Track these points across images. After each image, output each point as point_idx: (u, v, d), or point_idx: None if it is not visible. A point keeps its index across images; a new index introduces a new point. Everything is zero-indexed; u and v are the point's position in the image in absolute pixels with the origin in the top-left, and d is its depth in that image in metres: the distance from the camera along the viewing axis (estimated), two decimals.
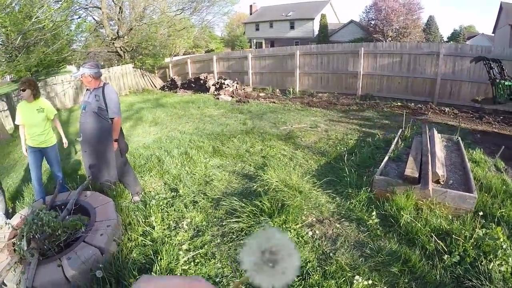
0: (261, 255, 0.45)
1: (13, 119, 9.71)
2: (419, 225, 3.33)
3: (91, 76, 3.98)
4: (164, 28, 18.93)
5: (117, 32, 18.07)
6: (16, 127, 8.90)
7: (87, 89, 4.18)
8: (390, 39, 31.61)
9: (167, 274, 2.85)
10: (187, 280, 0.39)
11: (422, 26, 35.71)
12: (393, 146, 5.30)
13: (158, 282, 0.38)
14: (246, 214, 3.68)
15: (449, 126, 7.53)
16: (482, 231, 3.02)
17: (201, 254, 3.23)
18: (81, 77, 3.99)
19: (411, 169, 4.06)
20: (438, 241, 3.02)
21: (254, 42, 42.77)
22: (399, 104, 10.02)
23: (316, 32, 37.43)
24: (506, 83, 7.35)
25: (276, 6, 43.96)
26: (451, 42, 31.33)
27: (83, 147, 4.24)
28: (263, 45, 40.92)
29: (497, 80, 7.50)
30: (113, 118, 4.11)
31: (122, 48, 17.83)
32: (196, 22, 25.18)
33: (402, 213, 3.53)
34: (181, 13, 21.28)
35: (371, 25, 34.13)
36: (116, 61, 18.89)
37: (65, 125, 10.52)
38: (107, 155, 4.21)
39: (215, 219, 3.89)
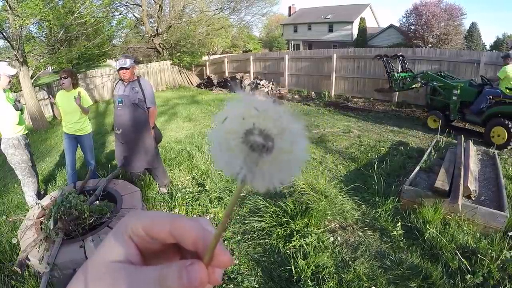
0: (245, 140, 0.30)
1: (53, 107, 10.21)
2: (444, 240, 3.24)
3: (134, 67, 4.17)
4: (203, 27, 19.23)
5: (157, 29, 18.54)
6: (54, 114, 9.36)
7: (119, 83, 4.31)
8: (431, 45, 30.53)
9: None
10: (176, 216, 0.35)
11: (464, 33, 34.29)
12: (425, 156, 5.16)
13: (145, 216, 0.35)
14: (269, 214, 3.70)
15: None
16: (510, 252, 2.90)
17: None
18: (126, 69, 4.06)
19: (441, 181, 3.94)
20: (463, 259, 2.92)
21: (292, 44, 42.64)
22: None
23: (355, 36, 36.84)
24: (401, 74, 9.14)
25: (315, 8, 43.58)
26: (494, 50, 29.96)
27: (121, 138, 4.35)
28: (301, 47, 40.72)
29: (391, 73, 9.17)
30: (149, 108, 4.30)
31: (161, 45, 18.27)
32: (235, 22, 25.52)
33: (428, 226, 3.45)
34: (219, 13, 21.60)
35: (411, 30, 33.05)
36: (154, 57, 19.40)
37: (102, 116, 10.98)
38: (147, 143, 4.39)
39: (238, 217, 3.95)
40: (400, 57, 9.45)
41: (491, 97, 6.99)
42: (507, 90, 6.76)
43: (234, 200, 0.34)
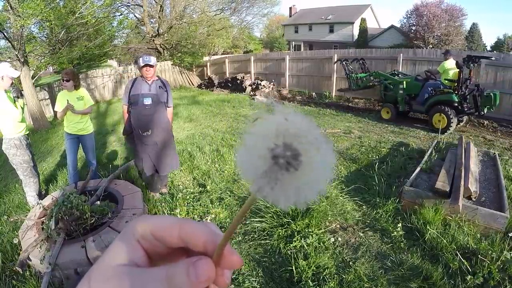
0: (271, 152, 0.29)
1: (54, 107, 10.25)
2: (445, 241, 3.24)
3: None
4: (204, 28, 19.22)
5: (157, 30, 18.54)
6: (55, 115, 9.36)
7: (138, 81, 4.10)
8: (431, 46, 30.51)
9: None
10: (185, 220, 0.35)
11: (465, 34, 34.27)
12: (426, 157, 5.16)
13: (153, 220, 0.35)
14: (270, 215, 3.70)
15: (487, 140, 7.25)
16: (511, 253, 2.90)
17: None
18: (151, 66, 4.00)
19: (442, 182, 3.95)
20: (463, 260, 2.92)
21: (293, 45, 42.61)
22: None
23: (356, 37, 36.81)
24: (358, 75, 10.32)
25: (316, 9, 43.55)
26: (494, 51, 29.78)
27: (150, 140, 4.15)
28: (302, 47, 40.67)
29: (349, 74, 10.47)
30: (169, 108, 4.26)
31: (161, 45, 18.27)
32: (236, 22, 25.52)
33: (428, 227, 3.45)
34: (220, 13, 21.61)
35: (412, 31, 33.03)
36: (155, 58, 19.38)
37: (103, 116, 10.99)
38: (173, 144, 4.39)
39: None
40: (360, 61, 10.56)
41: (432, 89, 8.18)
42: (446, 81, 8.00)
43: (246, 208, 0.34)
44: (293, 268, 2.93)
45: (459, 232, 3.43)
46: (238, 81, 14.99)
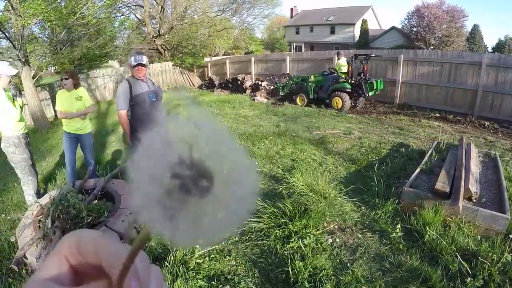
0: (170, 171, 0.22)
1: (54, 107, 10.27)
2: (444, 243, 3.20)
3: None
4: (205, 28, 19.26)
5: (158, 31, 18.56)
6: (56, 114, 9.39)
7: (134, 82, 3.84)
8: (433, 47, 30.43)
9: (180, 266, 2.92)
10: (104, 237, 0.32)
11: (466, 35, 34.19)
12: (426, 158, 5.13)
13: (83, 234, 0.32)
14: (268, 215, 3.68)
15: (488, 141, 7.20)
16: (511, 255, 2.87)
17: (217, 250, 3.28)
18: (144, 66, 3.78)
19: (442, 183, 3.91)
20: (463, 262, 2.89)
21: (294, 46, 42.61)
22: (437, 115, 9.68)
23: (357, 38, 36.78)
24: (281, 84, 12.65)
25: (317, 10, 43.57)
26: (496, 52, 29.48)
27: None
28: (303, 48, 40.66)
29: (276, 85, 12.93)
30: None
31: (162, 46, 18.30)
32: (237, 23, 25.55)
33: (428, 228, 3.41)
34: (221, 14, 21.62)
35: (413, 32, 33.00)
36: (156, 58, 19.41)
37: (103, 116, 10.98)
38: None
39: None
40: (287, 76, 13.21)
41: (332, 80, 10.70)
42: (342, 74, 10.69)
43: (139, 246, 0.28)
44: (289, 269, 2.89)
45: (459, 233, 3.39)
46: (239, 82, 14.95)
